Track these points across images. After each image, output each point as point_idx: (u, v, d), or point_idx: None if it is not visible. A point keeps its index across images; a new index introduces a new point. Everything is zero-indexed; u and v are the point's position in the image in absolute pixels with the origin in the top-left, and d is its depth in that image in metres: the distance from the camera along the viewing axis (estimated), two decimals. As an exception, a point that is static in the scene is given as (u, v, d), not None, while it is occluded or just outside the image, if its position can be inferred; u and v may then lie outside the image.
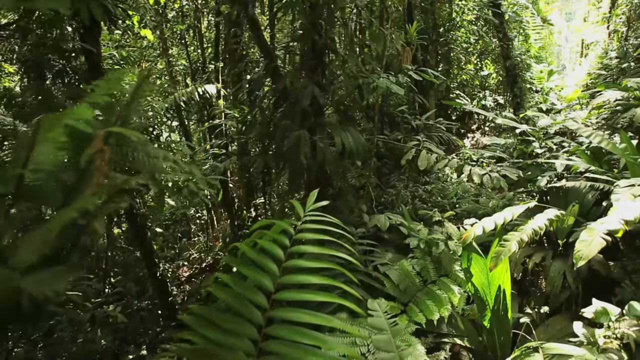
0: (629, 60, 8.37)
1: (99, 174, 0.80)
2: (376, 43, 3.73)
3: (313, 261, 1.74)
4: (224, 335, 1.67)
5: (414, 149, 3.97)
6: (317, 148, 3.20)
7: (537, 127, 4.57)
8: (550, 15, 13.21)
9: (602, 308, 2.51)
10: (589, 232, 2.57)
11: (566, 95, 9.39)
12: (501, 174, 3.96)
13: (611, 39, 10.61)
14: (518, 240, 2.89)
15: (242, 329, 1.67)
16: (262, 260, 1.73)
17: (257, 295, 1.70)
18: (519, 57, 7.66)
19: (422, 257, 3.45)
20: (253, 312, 1.68)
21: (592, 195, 3.90)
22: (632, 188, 2.80)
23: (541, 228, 2.93)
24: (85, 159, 0.83)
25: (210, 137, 7.63)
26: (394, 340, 2.12)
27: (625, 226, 2.48)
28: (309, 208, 1.88)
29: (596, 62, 10.26)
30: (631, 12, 9.31)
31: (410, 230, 3.47)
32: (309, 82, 3.19)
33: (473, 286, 3.30)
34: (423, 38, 5.39)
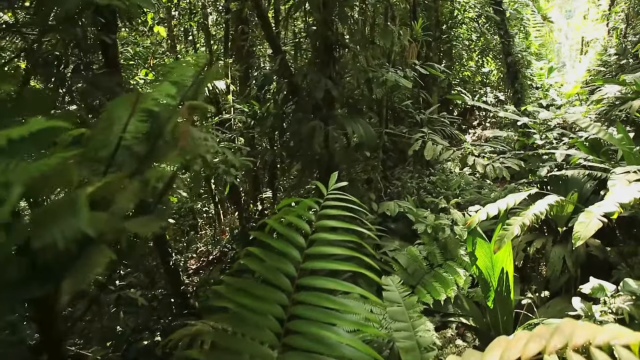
0: (627, 57, 8.55)
1: (184, 138, 0.97)
2: (384, 39, 3.90)
3: (336, 234, 1.92)
4: (256, 301, 1.85)
5: (420, 140, 4.15)
6: (329, 138, 3.37)
7: (538, 120, 4.76)
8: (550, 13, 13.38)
9: (599, 285, 2.70)
10: (586, 215, 2.76)
11: (566, 91, 9.57)
12: (503, 165, 4.14)
13: (610, 36, 10.78)
14: (520, 224, 3.07)
15: (272, 296, 1.86)
16: (289, 234, 1.91)
17: (286, 265, 1.88)
18: (519, 53, 7.83)
19: (429, 243, 3.64)
20: (283, 280, 1.86)
21: (590, 185, 4.09)
22: (628, 174, 2.98)
23: (542, 213, 3.11)
24: (171, 127, 1.00)
25: (219, 131, 7.80)
26: (407, 311, 2.31)
27: (620, 209, 2.66)
28: (331, 187, 2.06)
29: (595, 59, 10.44)
30: (630, 10, 9.47)
31: (418, 216, 3.66)
32: (322, 75, 3.36)
33: (477, 269, 3.48)
34: (427, 35, 5.56)
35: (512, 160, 4.21)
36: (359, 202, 2.09)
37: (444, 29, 8.05)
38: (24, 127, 0.71)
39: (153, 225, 0.92)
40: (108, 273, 3.96)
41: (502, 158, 4.37)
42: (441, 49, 8.26)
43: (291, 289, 1.85)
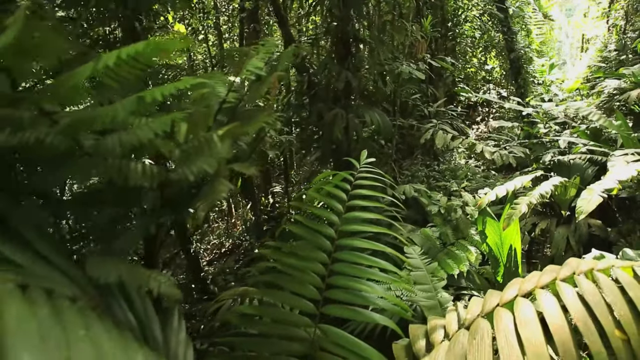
0: (627, 53, 8.80)
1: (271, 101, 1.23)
2: (398, 34, 4.18)
3: (369, 202, 2.20)
4: (300, 261, 2.13)
5: (431, 129, 4.42)
6: (349, 125, 3.65)
7: (541, 111, 5.03)
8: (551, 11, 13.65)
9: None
10: (588, 192, 3.03)
11: (567, 87, 9.84)
12: (510, 152, 4.41)
13: (610, 33, 11.05)
14: (527, 202, 3.35)
15: (314, 255, 2.13)
16: (329, 201, 2.19)
17: (326, 228, 2.16)
18: (522, 49, 8.09)
19: (442, 224, 3.91)
20: (323, 242, 2.14)
21: (592, 170, 4.35)
22: (626, 156, 3.25)
23: (547, 192, 3.38)
24: (261, 93, 1.27)
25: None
26: (428, 275, 2.58)
27: (619, 185, 2.93)
28: (363, 162, 2.34)
29: (596, 56, 10.71)
30: (629, 7, 9.73)
31: (431, 199, 3.93)
32: (342, 68, 3.64)
33: (488, 246, 3.75)
34: (434, 32, 5.84)
35: (517, 148, 4.48)
36: (388, 177, 2.36)
37: (449, 27, 8.32)
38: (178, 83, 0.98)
39: (252, 169, 1.19)
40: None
41: (507, 146, 4.64)
42: (446, 46, 8.53)
43: (331, 249, 2.12)
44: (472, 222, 3.90)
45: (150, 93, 0.90)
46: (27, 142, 0.92)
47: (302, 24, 6.64)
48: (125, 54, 0.77)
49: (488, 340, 1.40)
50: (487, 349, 1.37)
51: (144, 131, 0.96)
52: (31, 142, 0.93)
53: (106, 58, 0.77)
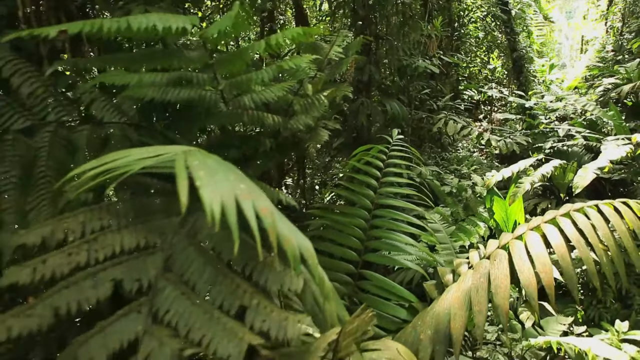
0: (623, 53, 9.28)
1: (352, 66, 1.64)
2: (415, 32, 4.63)
3: (400, 169, 2.65)
4: (344, 217, 2.58)
5: (442, 119, 4.88)
6: (372, 113, 4.10)
7: (543, 104, 5.49)
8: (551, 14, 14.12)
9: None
10: (584, 170, 3.48)
11: (567, 86, 10.31)
12: (514, 141, 4.87)
13: (608, 35, 11.52)
14: (531, 181, 3.81)
15: (357, 213, 2.58)
16: (368, 169, 2.64)
17: (366, 190, 2.61)
18: (524, 49, 8.56)
19: (453, 203, 4.36)
20: (364, 202, 2.59)
21: (588, 157, 4.81)
22: (617, 141, 3.71)
23: (548, 172, 3.83)
24: (342, 71, 1.71)
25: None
26: (447, 236, 3.04)
27: (610, 164, 3.39)
28: (395, 138, 2.79)
29: (594, 56, 11.18)
30: (626, 10, 10.20)
31: (444, 180, 4.38)
32: (366, 62, 4.09)
33: (495, 222, 4.19)
34: (445, 31, 6.30)
35: (520, 137, 4.94)
36: (415, 151, 2.82)
37: (455, 27, 8.78)
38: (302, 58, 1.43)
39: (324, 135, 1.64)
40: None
41: (511, 136, 5.10)
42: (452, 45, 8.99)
43: (371, 207, 2.57)
44: (480, 201, 4.34)
45: (286, 63, 1.36)
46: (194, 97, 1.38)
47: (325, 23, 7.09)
48: (284, 37, 1.22)
49: (505, 262, 1.85)
50: (505, 265, 1.82)
51: (277, 90, 1.41)
52: (197, 98, 1.38)
53: (274, 38, 1.21)
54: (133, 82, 1.26)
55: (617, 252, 1.75)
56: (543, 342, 2.27)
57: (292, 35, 1.26)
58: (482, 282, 1.82)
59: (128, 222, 0.99)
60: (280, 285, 0.92)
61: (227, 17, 1.09)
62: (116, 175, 0.84)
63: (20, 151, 1.15)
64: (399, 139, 2.80)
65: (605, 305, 3.13)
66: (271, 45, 1.21)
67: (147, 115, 1.54)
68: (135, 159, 0.86)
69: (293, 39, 1.23)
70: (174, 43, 1.70)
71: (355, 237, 2.54)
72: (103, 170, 0.86)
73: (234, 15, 1.09)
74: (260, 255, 0.82)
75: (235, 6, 1.10)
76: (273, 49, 1.27)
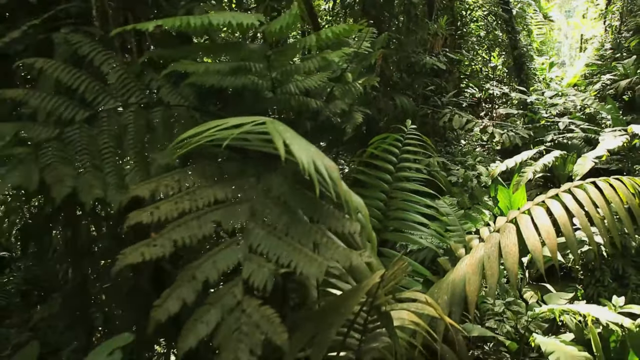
0: (621, 51, 9.50)
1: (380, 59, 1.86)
2: (422, 31, 4.86)
3: (415, 155, 2.88)
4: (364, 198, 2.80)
5: (448, 114, 5.11)
6: (382, 107, 4.33)
7: (544, 99, 5.72)
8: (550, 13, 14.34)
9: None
10: (583, 159, 3.71)
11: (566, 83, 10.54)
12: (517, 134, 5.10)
13: (607, 33, 11.75)
14: (533, 170, 4.04)
15: (375, 195, 2.81)
16: (385, 155, 2.87)
17: (384, 175, 2.84)
18: (525, 47, 8.79)
19: (459, 193, 4.59)
20: (382, 185, 2.82)
21: (587, 149, 5.04)
22: (614, 132, 3.94)
23: (549, 162, 4.07)
24: (371, 62, 1.94)
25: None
26: (456, 219, 3.27)
27: (608, 153, 3.62)
28: (409, 127, 3.02)
29: (593, 55, 11.42)
30: (624, 8, 10.43)
31: (450, 171, 4.61)
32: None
33: (499, 209, 4.42)
34: (450, 29, 6.53)
35: (523, 130, 5.17)
36: (427, 140, 3.05)
37: (458, 26, 9.01)
38: (338, 52, 1.65)
39: (359, 117, 1.87)
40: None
41: (513, 130, 5.33)
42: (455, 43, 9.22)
43: (389, 190, 2.80)
44: (485, 191, 4.57)
45: (329, 55, 1.59)
46: (247, 84, 1.60)
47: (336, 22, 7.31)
48: (331, 32, 1.44)
49: (514, 232, 2.09)
50: (514, 235, 2.05)
51: (318, 78, 1.64)
52: (250, 84, 1.61)
53: (323, 33, 1.43)
54: (201, 70, 1.49)
55: (612, 220, 1.97)
56: (547, 310, 2.50)
57: (338, 31, 1.48)
58: (494, 250, 2.05)
59: (214, 181, 1.22)
60: (342, 228, 1.15)
61: (289, 14, 1.32)
62: (220, 138, 1.07)
63: (113, 126, 1.37)
64: (413, 128, 3.03)
65: (604, 284, 3.36)
66: (321, 39, 1.44)
67: (203, 100, 1.77)
68: (231, 124, 1.09)
69: (339, 34, 1.45)
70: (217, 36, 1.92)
71: (373, 217, 2.77)
72: (207, 135, 1.09)
73: (294, 14, 1.32)
74: (334, 197, 1.05)
75: (294, 6, 1.33)
76: (322, 42, 1.49)
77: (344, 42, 2.21)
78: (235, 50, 1.51)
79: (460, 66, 10.07)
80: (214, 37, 1.89)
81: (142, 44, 1.82)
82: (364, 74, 2.04)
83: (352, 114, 1.77)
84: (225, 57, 1.59)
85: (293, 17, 1.32)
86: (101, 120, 1.37)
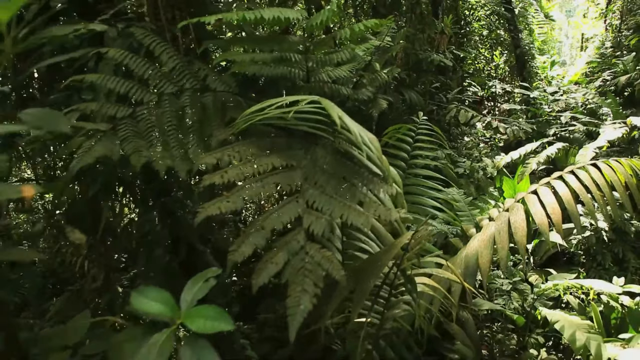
0: (622, 49, 9.70)
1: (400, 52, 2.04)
2: (430, 29, 5.06)
3: (427, 144, 3.08)
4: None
5: (454, 108, 5.31)
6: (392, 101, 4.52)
7: (546, 94, 5.92)
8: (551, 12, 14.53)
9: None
10: (584, 149, 3.91)
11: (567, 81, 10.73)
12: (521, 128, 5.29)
13: (607, 32, 11.94)
14: (537, 161, 4.23)
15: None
16: (399, 144, 3.06)
17: (398, 162, 3.03)
18: (527, 45, 8.99)
19: (466, 184, 4.78)
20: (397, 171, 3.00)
21: (588, 142, 5.23)
22: (614, 124, 4.13)
23: (552, 154, 4.26)
24: (392, 54, 2.12)
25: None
26: (466, 205, 3.46)
27: (608, 143, 3.81)
28: (421, 118, 3.22)
29: (594, 53, 11.61)
30: (624, 8, 10.63)
31: (457, 163, 4.81)
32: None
33: (504, 199, 4.60)
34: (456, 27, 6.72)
35: (526, 125, 5.36)
36: (438, 130, 3.24)
37: (462, 25, 9.21)
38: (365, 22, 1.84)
39: (383, 103, 2.06)
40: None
41: (517, 124, 5.52)
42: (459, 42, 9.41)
43: (402, 176, 2.99)
44: (491, 182, 4.76)
45: (359, 47, 1.78)
46: (285, 73, 1.80)
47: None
48: (364, 25, 1.64)
49: (522, 210, 2.28)
50: (522, 213, 2.25)
51: (346, 68, 1.84)
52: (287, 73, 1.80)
53: (356, 27, 1.63)
54: (247, 60, 1.69)
55: (611, 197, 2.17)
56: (552, 286, 2.69)
57: (370, 25, 1.68)
58: (504, 227, 2.25)
59: (268, 153, 1.42)
60: (381, 191, 1.35)
61: (328, 10, 1.52)
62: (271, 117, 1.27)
63: (173, 107, 1.57)
64: (424, 119, 3.22)
65: (604, 267, 3.55)
66: (355, 32, 1.64)
67: (242, 87, 1.97)
68: (288, 102, 1.29)
69: (370, 28, 1.65)
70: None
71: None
72: (267, 112, 1.29)
73: (333, 9, 1.52)
74: (376, 164, 1.24)
75: (333, 3, 1.53)
76: (355, 35, 1.69)
77: (366, 36, 2.41)
78: (278, 42, 1.70)
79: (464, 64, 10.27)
80: (248, 30, 2.09)
81: (187, 37, 2.02)
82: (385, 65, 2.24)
83: (377, 100, 1.96)
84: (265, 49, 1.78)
85: (332, 12, 1.52)
86: (164, 102, 1.56)
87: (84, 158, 1.26)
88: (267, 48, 1.69)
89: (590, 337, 2.15)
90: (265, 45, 1.71)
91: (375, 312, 2.08)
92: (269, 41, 1.76)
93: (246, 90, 2.01)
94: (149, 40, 1.64)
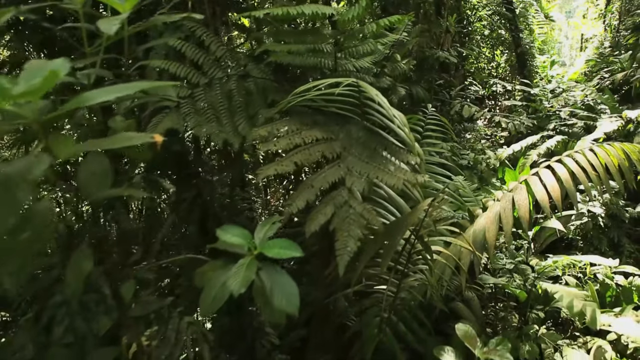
0: (620, 49, 9.94)
1: (414, 46, 2.27)
2: (435, 28, 5.30)
3: (435, 133, 3.32)
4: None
5: (458, 104, 5.54)
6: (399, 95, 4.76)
7: (546, 91, 6.16)
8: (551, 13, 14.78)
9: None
10: (582, 142, 4.14)
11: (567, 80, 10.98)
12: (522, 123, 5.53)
13: (606, 32, 12.20)
14: (537, 153, 4.47)
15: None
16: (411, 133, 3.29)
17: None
18: (527, 45, 9.23)
19: (470, 176, 5.02)
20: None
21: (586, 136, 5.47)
22: (611, 118, 4.37)
23: (552, 146, 4.50)
24: (409, 48, 2.35)
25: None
26: (471, 192, 3.70)
27: (605, 135, 4.05)
28: (430, 110, 3.46)
29: (593, 53, 11.86)
30: (622, 8, 10.88)
31: (461, 155, 5.04)
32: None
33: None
34: (459, 27, 6.95)
35: (527, 120, 5.60)
36: (446, 121, 3.48)
37: (464, 24, 9.45)
38: (390, 18, 2.07)
39: (402, 91, 2.30)
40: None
41: (518, 119, 5.76)
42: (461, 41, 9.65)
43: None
44: (493, 174, 4.99)
45: (382, 40, 2.02)
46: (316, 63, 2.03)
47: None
48: (388, 20, 1.87)
49: (524, 190, 2.51)
50: (525, 192, 2.48)
51: (370, 59, 2.07)
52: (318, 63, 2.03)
53: (382, 22, 1.86)
54: (285, 50, 1.92)
55: (605, 176, 2.40)
56: (552, 263, 2.93)
57: (394, 20, 1.92)
58: (508, 205, 2.48)
59: (310, 127, 1.65)
60: (408, 160, 1.58)
61: (359, 6, 1.75)
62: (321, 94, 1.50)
63: (224, 90, 1.80)
64: (433, 110, 3.46)
65: (601, 251, 3.79)
66: (380, 26, 1.87)
67: (275, 75, 2.20)
68: (331, 82, 1.52)
69: (394, 23, 1.88)
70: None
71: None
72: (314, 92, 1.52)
73: (363, 6, 1.75)
74: (403, 138, 1.48)
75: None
76: (380, 29, 1.92)
77: (383, 32, 2.65)
78: (313, 35, 1.93)
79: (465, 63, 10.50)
80: (277, 24, 2.32)
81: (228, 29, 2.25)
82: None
83: (396, 88, 2.20)
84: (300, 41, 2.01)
85: (363, 8, 1.75)
86: (215, 86, 1.80)
87: (157, 130, 1.50)
88: (302, 40, 1.92)
89: (587, 304, 2.39)
90: (300, 37, 1.94)
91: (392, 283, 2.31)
92: (304, 34, 1.99)
93: (278, 77, 2.24)
94: (200, 32, 1.88)
